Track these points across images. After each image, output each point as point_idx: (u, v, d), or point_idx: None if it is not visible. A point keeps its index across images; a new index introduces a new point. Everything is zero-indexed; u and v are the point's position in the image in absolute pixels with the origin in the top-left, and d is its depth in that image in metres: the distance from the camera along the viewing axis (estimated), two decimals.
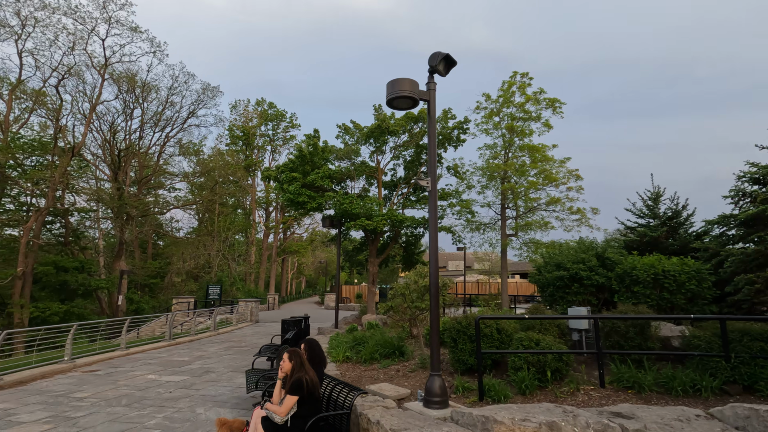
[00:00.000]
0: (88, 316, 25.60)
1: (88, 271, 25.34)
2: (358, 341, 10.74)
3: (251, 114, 57.06)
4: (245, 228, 59.74)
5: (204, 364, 11.81)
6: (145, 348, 14.78)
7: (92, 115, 25.46)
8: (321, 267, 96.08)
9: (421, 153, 20.12)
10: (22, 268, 21.81)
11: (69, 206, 26.56)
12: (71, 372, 10.89)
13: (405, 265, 21.61)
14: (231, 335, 19.00)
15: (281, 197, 16.27)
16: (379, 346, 9.56)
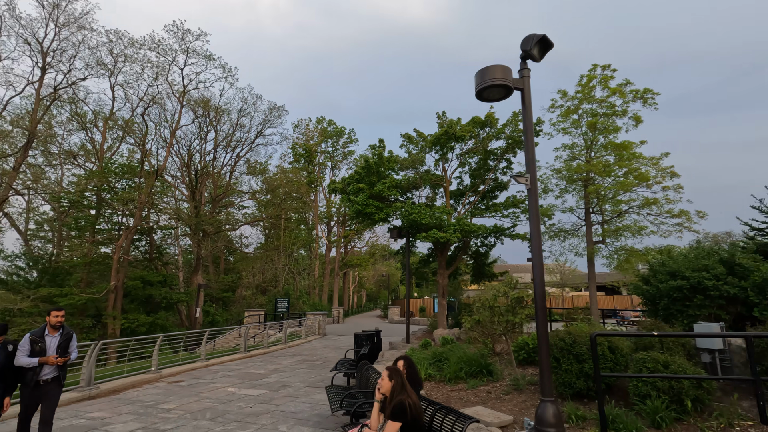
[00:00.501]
0: (170, 328, 27.18)
1: (169, 285, 27.03)
2: (438, 357, 10.05)
3: (312, 132, 59.07)
4: (308, 243, 61.42)
5: (280, 377, 11.70)
6: (223, 360, 15.11)
7: (172, 140, 27.54)
8: (382, 280, 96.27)
9: (488, 159, 19.20)
10: (114, 283, 23.72)
11: (153, 224, 28.72)
12: (158, 382, 11.24)
13: (474, 277, 20.58)
14: (301, 348, 19.04)
15: (349, 209, 16.14)
16: (463, 364, 8.81)
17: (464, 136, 17.16)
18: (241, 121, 31.11)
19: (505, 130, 18.62)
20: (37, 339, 5.14)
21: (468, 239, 18.20)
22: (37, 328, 5.36)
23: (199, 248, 28.46)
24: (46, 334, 5.25)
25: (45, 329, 5.29)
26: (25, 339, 5.14)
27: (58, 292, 22.41)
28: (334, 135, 59.89)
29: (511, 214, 18.09)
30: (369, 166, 17.02)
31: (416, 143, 19.14)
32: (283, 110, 32.63)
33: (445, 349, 11.78)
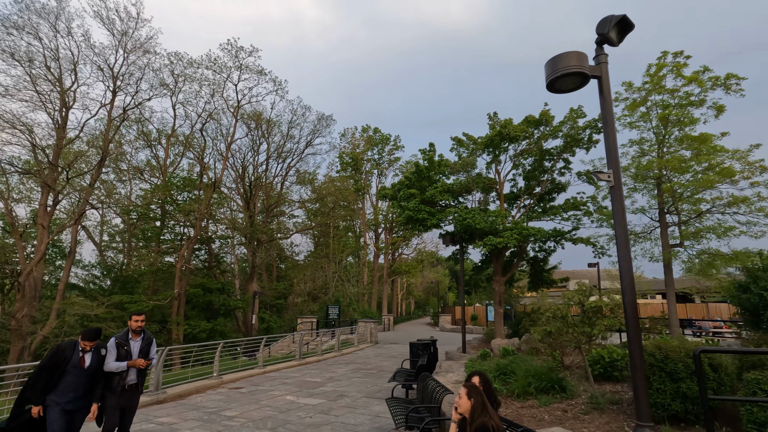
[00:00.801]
0: (228, 334, 28.20)
1: (227, 293, 28.13)
2: (502, 370, 9.44)
3: (358, 140, 59.80)
4: (356, 250, 61.95)
5: (336, 386, 11.57)
6: (279, 367, 15.28)
7: (228, 153, 28.88)
8: (430, 287, 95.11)
9: (543, 159, 18.24)
10: (177, 290, 25.03)
11: (212, 234, 30.13)
12: (219, 388, 11.48)
13: (532, 284, 19.56)
14: (355, 356, 18.94)
15: (399, 215, 15.86)
16: (532, 378, 8.18)
17: (518, 136, 16.41)
18: (291, 132, 32.10)
19: (561, 128, 17.65)
20: (123, 343, 5.11)
21: (525, 244, 17.33)
22: (121, 333, 5.30)
23: (254, 256, 29.43)
24: (129, 338, 5.22)
25: (128, 333, 5.25)
26: (111, 343, 5.09)
27: (129, 299, 23.98)
28: (380, 142, 60.28)
29: (572, 217, 17.02)
30: (419, 171, 16.70)
31: (466, 146, 18.59)
32: (331, 119, 33.25)
33: (508, 361, 11.11)
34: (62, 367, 4.59)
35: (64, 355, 4.63)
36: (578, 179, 18.49)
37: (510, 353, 12.97)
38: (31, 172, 21.89)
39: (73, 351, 4.69)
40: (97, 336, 4.84)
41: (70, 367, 4.62)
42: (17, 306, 20.52)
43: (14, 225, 22.11)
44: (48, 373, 4.54)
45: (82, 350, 4.73)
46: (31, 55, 21.30)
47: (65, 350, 4.67)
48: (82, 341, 4.73)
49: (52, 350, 4.71)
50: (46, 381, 4.52)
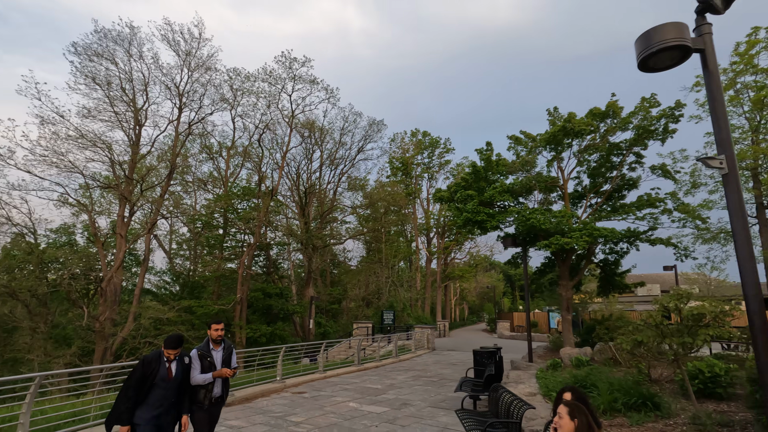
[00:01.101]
0: (287, 338, 28.93)
1: (285, 297, 28.91)
2: (580, 382, 8.68)
3: (408, 145, 59.70)
4: (408, 255, 61.65)
5: (398, 394, 11.27)
6: (338, 372, 15.26)
7: (284, 162, 29.84)
8: (484, 293, 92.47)
9: (610, 155, 16.94)
10: (240, 295, 26.08)
11: (270, 241, 31.18)
12: (283, 392, 11.59)
13: (602, 289, 18.18)
14: (413, 363, 18.56)
15: (457, 218, 15.37)
16: (618, 392, 7.40)
17: (584, 130, 15.33)
18: (343, 139, 32.58)
19: (631, 119, 16.32)
20: (205, 354, 4.85)
21: (594, 246, 16.14)
22: (202, 344, 5.03)
23: (310, 262, 30.06)
24: (210, 348, 4.94)
25: (209, 344, 4.97)
26: (194, 355, 4.83)
27: (196, 303, 25.34)
28: (430, 146, 59.83)
29: (648, 216, 15.60)
30: (477, 172, 16.11)
31: (525, 144, 17.72)
32: (382, 124, 33.37)
33: (585, 373, 10.26)
34: (150, 381, 4.38)
35: (151, 368, 4.42)
36: (652, 174, 17.00)
37: (584, 364, 12.03)
38: (112, 186, 23.82)
39: (159, 362, 4.47)
40: (180, 343, 4.62)
41: (158, 379, 4.40)
42: (100, 309, 22.30)
43: (97, 235, 24.14)
44: (135, 388, 4.34)
45: (167, 360, 4.51)
46: (109, 79, 23.27)
47: (152, 362, 4.46)
48: (165, 350, 4.51)
49: (139, 364, 4.49)
50: (135, 397, 4.30)
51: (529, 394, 8.80)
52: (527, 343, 14.46)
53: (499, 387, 7.82)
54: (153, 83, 24.79)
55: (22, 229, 23.52)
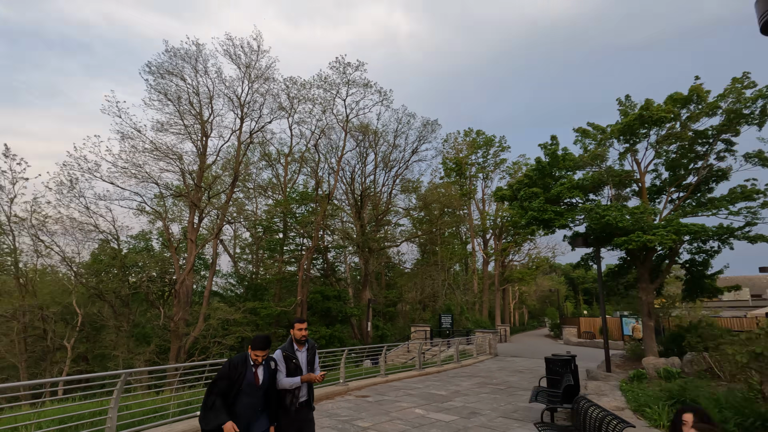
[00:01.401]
0: (345, 340, 29.23)
1: (343, 300, 29.27)
2: (676, 398, 7.75)
3: (461, 145, 58.63)
4: (463, 257, 60.34)
5: (465, 402, 10.78)
6: (400, 376, 15.00)
7: (339, 166, 30.28)
8: (545, 296, 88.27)
9: (694, 144, 15.26)
10: (300, 297, 26.73)
11: (327, 244, 31.80)
12: (346, 395, 11.52)
13: (688, 293, 16.38)
14: (475, 369, 17.88)
15: (522, 217, 14.56)
16: (728, 411, 6.47)
17: (664, 117, 13.96)
18: (397, 141, 32.50)
19: (720, 103, 14.64)
20: (290, 355, 4.49)
21: (678, 245, 14.62)
22: (285, 344, 4.64)
23: (367, 265, 30.21)
24: (295, 349, 4.56)
25: (292, 344, 4.58)
26: (279, 357, 4.46)
27: (260, 305, 26.34)
28: (484, 145, 58.36)
29: (744, 210, 13.84)
30: (541, 168, 15.20)
31: (593, 137, 16.48)
32: (436, 124, 32.84)
33: (677, 386, 9.21)
34: (237, 387, 4.00)
35: (238, 372, 4.03)
36: (746, 162, 15.12)
37: (674, 375, 10.85)
38: (183, 194, 25.45)
39: (245, 366, 4.09)
40: (269, 344, 4.23)
41: (245, 385, 4.03)
42: (174, 310, 23.81)
43: (170, 241, 25.88)
44: (222, 396, 3.95)
45: (254, 364, 4.15)
46: (179, 94, 24.94)
47: (238, 366, 4.07)
48: (253, 351, 4.14)
49: (225, 368, 4.10)
50: (223, 407, 3.89)
51: (616, 408, 7.98)
52: (604, 351, 13.32)
53: (582, 399, 7.15)
54: (217, 96, 26.19)
55: (107, 236, 25.79)
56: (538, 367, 18.07)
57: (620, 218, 12.24)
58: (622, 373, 13.02)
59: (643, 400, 7.94)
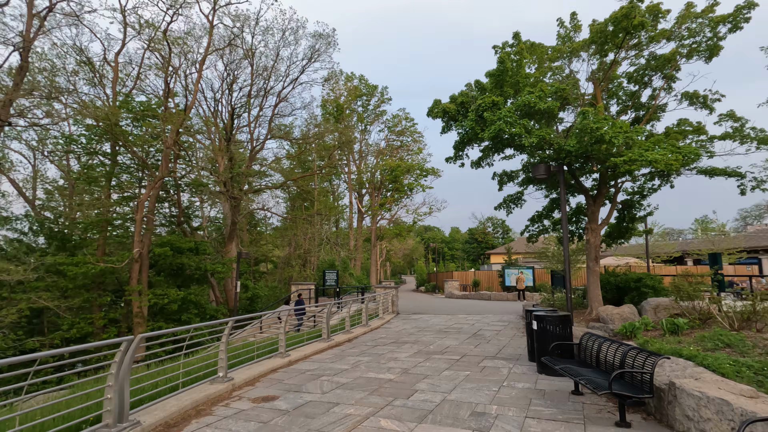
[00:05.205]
0: (204, 305, 22.66)
1: (202, 254, 22.38)
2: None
3: (342, 89, 53.57)
4: (339, 212, 56.72)
5: (441, 390, 6.74)
6: (306, 352, 10.27)
7: (201, 71, 21.98)
8: (409, 253, 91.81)
9: (645, 72, 13.57)
10: (138, 249, 19.03)
11: (181, 181, 23.72)
12: (233, 402, 6.36)
13: (612, 237, 15.20)
14: (390, 331, 14.21)
15: (484, 131, 10.82)
16: None
17: (645, 23, 11.56)
18: (280, 53, 25.27)
19: (678, 29, 13.01)
20: None
21: (618, 178, 12.89)
22: None
23: (235, 211, 23.55)
24: None
25: None
26: None
27: (69, 260, 17.76)
28: (366, 94, 54.38)
29: (698, 143, 12.61)
30: (503, 71, 11.56)
31: (562, 43, 13.68)
32: (333, 40, 26.26)
33: (736, 340, 6.75)
34: None
35: None
36: (683, 102, 14.08)
37: (680, 327, 8.62)
38: None
39: None
40: None
41: None
42: None
43: None
44: None
45: None
46: None
47: None
48: None
49: None
50: None
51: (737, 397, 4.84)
52: (567, 301, 10.78)
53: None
54: None
55: None
56: (459, 325, 15.41)
57: (615, 134, 9.40)
58: (577, 327, 10.67)
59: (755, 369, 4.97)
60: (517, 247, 54.42)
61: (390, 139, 53.53)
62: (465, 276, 40.14)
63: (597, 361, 6.28)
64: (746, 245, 41.56)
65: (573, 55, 12.84)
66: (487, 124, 10.83)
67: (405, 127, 53.45)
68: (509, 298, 27.62)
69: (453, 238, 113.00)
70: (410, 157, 52.76)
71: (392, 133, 54.26)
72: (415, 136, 52.63)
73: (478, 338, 12.30)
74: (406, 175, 49.08)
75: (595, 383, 5.22)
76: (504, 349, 10.46)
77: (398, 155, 52.67)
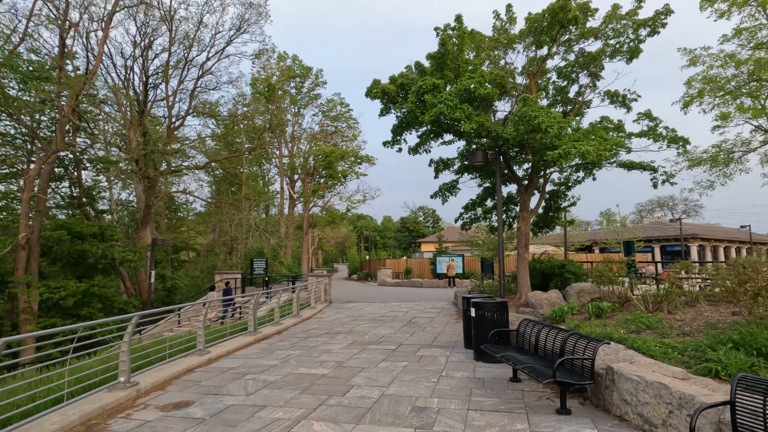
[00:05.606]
0: (111, 298, 20.13)
1: (109, 240, 19.75)
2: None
3: (273, 69, 50.86)
4: (271, 198, 54.35)
5: (371, 383, 6.31)
6: (229, 348, 9.32)
7: (107, 30, 18.94)
8: (342, 241, 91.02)
9: (574, 67, 14.14)
10: (25, 234, 16.17)
11: (82, 155, 20.54)
12: (138, 410, 5.39)
13: (539, 226, 15.91)
14: (323, 321, 13.58)
15: (425, 115, 10.45)
16: None
17: (577, 18, 11.92)
18: (205, 20, 22.83)
19: (602, 29, 13.66)
20: None
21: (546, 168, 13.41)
22: None
23: (150, 192, 21.01)
24: None
25: None
26: None
27: None
28: (300, 75, 52.24)
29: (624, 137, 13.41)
30: (444, 54, 11.28)
31: (500, 33, 13.71)
32: (264, 10, 24.06)
33: (653, 322, 7.12)
34: None
35: None
36: (606, 100, 14.94)
37: (604, 310, 9.03)
38: None
39: None
40: None
41: None
42: None
43: None
44: None
45: None
46: None
47: None
48: None
49: None
50: None
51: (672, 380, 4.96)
52: (500, 288, 10.94)
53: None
54: None
55: None
56: (393, 313, 15.20)
57: (550, 123, 9.55)
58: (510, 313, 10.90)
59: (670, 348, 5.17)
60: (447, 235, 56.20)
61: (324, 124, 52.01)
62: (397, 264, 40.50)
63: (536, 347, 6.23)
64: (643, 235, 46.71)
65: (508, 46, 12.96)
66: (428, 107, 10.50)
67: (340, 112, 52.13)
68: (440, 285, 28.25)
69: (385, 227, 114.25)
70: (345, 143, 51.73)
71: (327, 118, 52.71)
72: (350, 122, 51.60)
73: (413, 326, 12.12)
74: (341, 161, 48.10)
75: (538, 372, 5.08)
76: (440, 337, 10.35)
77: (332, 141, 51.42)
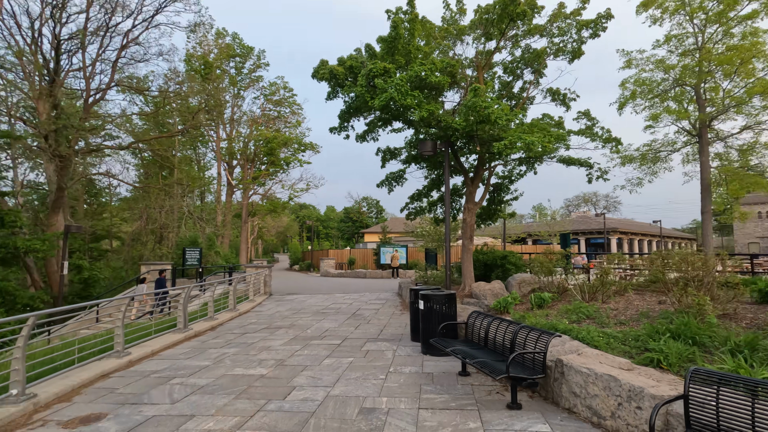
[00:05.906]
0: (14, 293, 17.66)
1: (11, 227, 17.18)
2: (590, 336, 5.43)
3: (211, 46, 47.63)
4: (206, 184, 51.24)
5: (323, 384, 5.87)
6: (155, 348, 8.39)
7: None
8: (283, 231, 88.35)
9: (520, 63, 14.42)
10: None
11: None
12: (28, 428, 4.52)
13: (482, 218, 16.19)
14: (262, 315, 12.82)
15: (375, 100, 10.00)
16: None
17: (526, 12, 12.05)
18: None
19: (550, 26, 14.01)
20: None
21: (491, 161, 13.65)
22: None
23: (63, 173, 18.49)
24: None
25: None
26: None
27: None
28: (240, 55, 49.44)
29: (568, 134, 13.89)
30: (396, 38, 10.88)
31: (451, 21, 13.56)
32: None
33: (591, 311, 7.37)
34: None
35: None
36: (545, 98, 15.45)
37: (546, 301, 9.27)
38: None
39: None
40: None
41: None
42: None
43: None
44: None
45: None
46: None
47: None
48: None
49: None
50: None
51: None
52: (446, 279, 10.91)
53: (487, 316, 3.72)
54: None
55: None
56: (337, 305, 14.76)
57: (499, 115, 9.55)
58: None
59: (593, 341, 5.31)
60: (391, 226, 56.48)
61: (266, 108, 49.70)
62: (341, 254, 39.99)
63: (485, 340, 6.12)
64: (571, 228, 50.11)
65: (458, 37, 12.88)
66: (378, 92, 10.08)
67: (283, 96, 49.96)
68: (384, 275, 28.20)
69: (328, 217, 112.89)
70: (288, 129, 49.83)
71: (269, 102, 50.35)
72: (294, 108, 49.72)
73: (357, 319, 11.78)
74: (283, 148, 46.29)
75: (491, 367, 4.93)
76: (386, 329, 10.09)
77: (275, 126, 49.30)
